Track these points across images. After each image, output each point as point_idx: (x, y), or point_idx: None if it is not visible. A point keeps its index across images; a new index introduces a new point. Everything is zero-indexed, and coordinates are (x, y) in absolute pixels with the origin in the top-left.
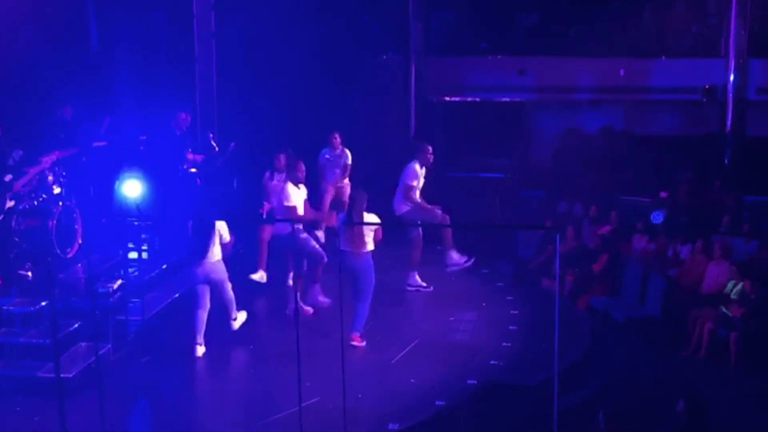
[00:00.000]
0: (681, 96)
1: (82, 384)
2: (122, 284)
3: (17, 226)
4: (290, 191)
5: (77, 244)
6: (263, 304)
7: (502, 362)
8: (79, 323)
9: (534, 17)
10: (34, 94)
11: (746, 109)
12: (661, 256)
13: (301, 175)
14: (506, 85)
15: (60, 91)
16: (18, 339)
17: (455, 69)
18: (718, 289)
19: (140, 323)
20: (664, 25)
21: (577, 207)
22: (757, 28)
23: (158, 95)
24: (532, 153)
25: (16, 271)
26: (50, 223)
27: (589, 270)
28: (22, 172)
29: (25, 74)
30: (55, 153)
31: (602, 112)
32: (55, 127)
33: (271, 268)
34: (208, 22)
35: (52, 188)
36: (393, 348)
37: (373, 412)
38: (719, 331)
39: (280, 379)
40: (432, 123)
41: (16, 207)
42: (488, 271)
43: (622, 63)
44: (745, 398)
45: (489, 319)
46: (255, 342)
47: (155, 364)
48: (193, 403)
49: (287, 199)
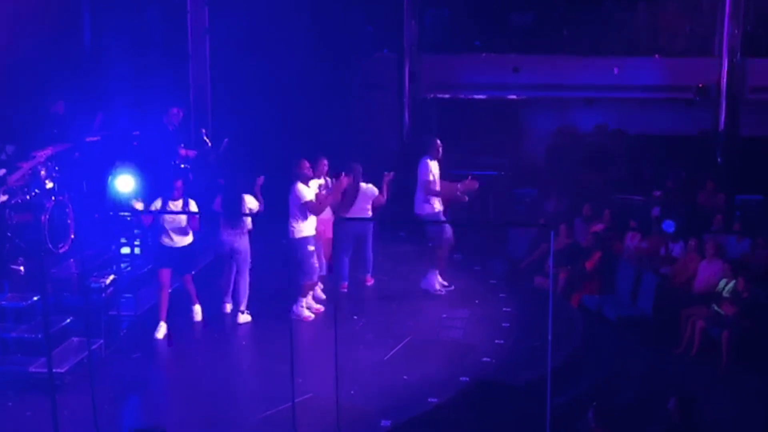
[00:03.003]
0: (674, 95)
1: (75, 379)
2: (115, 279)
3: (10, 220)
4: (301, 190)
5: (70, 239)
6: (258, 302)
7: (495, 359)
8: (71, 318)
9: (528, 15)
10: (27, 90)
11: (739, 108)
12: (653, 255)
13: (308, 171)
14: (500, 83)
15: (53, 87)
16: (10, 334)
17: (449, 67)
18: (710, 287)
19: (132, 319)
20: (658, 23)
21: (564, 204)
22: (751, 27)
23: (151, 91)
24: (526, 151)
25: (9, 266)
26: (43, 218)
27: (581, 268)
28: (15, 167)
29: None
30: (48, 148)
31: (596, 110)
32: (48, 123)
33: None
34: (202, 19)
35: (44, 183)
36: (386, 345)
37: (366, 409)
38: (711, 330)
39: (273, 376)
40: (426, 120)
41: (8, 201)
42: (481, 268)
43: (616, 61)
44: (736, 396)
45: (482, 316)
46: (247, 338)
47: (147, 360)
48: (184, 398)
49: (301, 198)
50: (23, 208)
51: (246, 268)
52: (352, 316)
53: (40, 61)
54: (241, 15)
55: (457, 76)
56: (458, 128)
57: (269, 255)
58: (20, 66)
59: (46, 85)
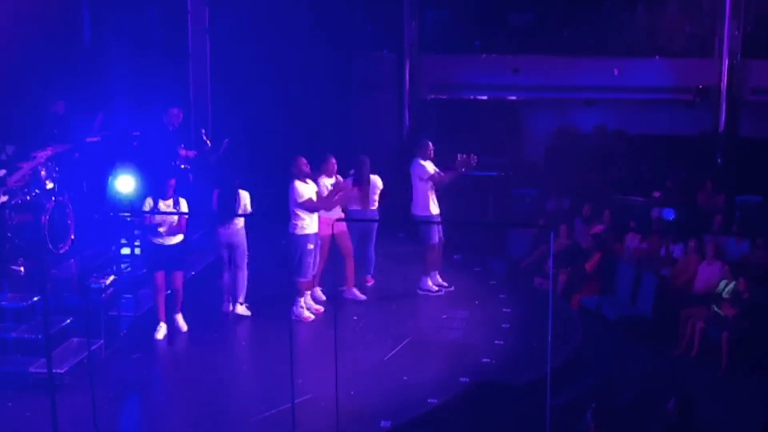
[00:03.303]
0: (674, 96)
1: (74, 380)
2: (115, 280)
3: (10, 221)
4: (299, 188)
5: (70, 239)
6: (258, 302)
7: (495, 360)
8: (71, 319)
9: (528, 16)
10: (27, 90)
11: (739, 109)
12: (653, 255)
13: (306, 168)
14: (500, 84)
15: (53, 87)
16: (10, 334)
17: (449, 67)
18: (710, 288)
19: (132, 319)
20: (658, 24)
21: (566, 204)
22: (751, 28)
23: (151, 91)
24: (525, 151)
25: (9, 266)
26: (43, 218)
27: (581, 269)
28: (15, 167)
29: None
30: (49, 148)
31: (595, 111)
32: (48, 123)
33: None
34: (203, 18)
35: (45, 183)
36: (385, 346)
37: (366, 410)
38: (711, 331)
39: (273, 376)
40: (426, 121)
41: (8, 202)
42: (481, 269)
43: (616, 62)
44: (735, 398)
45: (481, 317)
46: (247, 339)
47: (147, 360)
48: (184, 399)
49: (299, 196)
50: (23, 208)
51: (244, 261)
52: (352, 317)
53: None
54: (242, 15)
55: (457, 76)
56: (458, 129)
57: (269, 255)
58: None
59: (46, 85)
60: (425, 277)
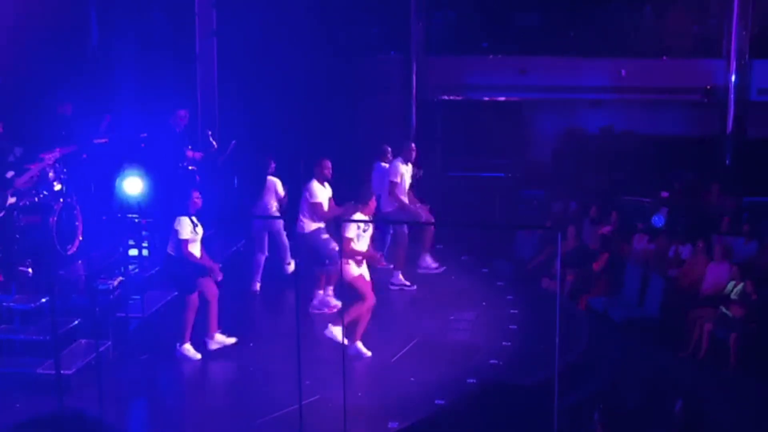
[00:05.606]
0: (682, 96)
1: (82, 381)
2: (122, 281)
3: (18, 222)
4: (315, 188)
5: (77, 240)
6: (265, 301)
7: (502, 361)
8: (79, 320)
9: (534, 17)
10: (34, 91)
11: (747, 110)
12: (661, 257)
13: (328, 172)
14: (507, 85)
15: (60, 88)
16: (18, 336)
17: (456, 68)
18: (718, 289)
19: (140, 320)
20: (665, 25)
21: (572, 206)
22: (758, 29)
23: (159, 93)
24: (532, 153)
25: (17, 268)
26: (51, 219)
27: (589, 270)
28: (23, 169)
29: (26, 71)
30: (56, 150)
31: (602, 112)
32: (56, 124)
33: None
34: (210, 21)
35: (52, 185)
36: (393, 347)
37: (373, 411)
38: (718, 332)
39: (280, 377)
40: (432, 122)
41: (16, 203)
42: (488, 270)
43: (623, 63)
44: (744, 400)
45: (489, 318)
46: (255, 339)
47: (155, 362)
48: (192, 400)
49: (313, 196)
50: (31, 210)
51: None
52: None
53: (47, 64)
54: (249, 17)
55: (463, 77)
56: (465, 130)
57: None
58: (28, 68)
59: (53, 88)
60: (397, 271)
